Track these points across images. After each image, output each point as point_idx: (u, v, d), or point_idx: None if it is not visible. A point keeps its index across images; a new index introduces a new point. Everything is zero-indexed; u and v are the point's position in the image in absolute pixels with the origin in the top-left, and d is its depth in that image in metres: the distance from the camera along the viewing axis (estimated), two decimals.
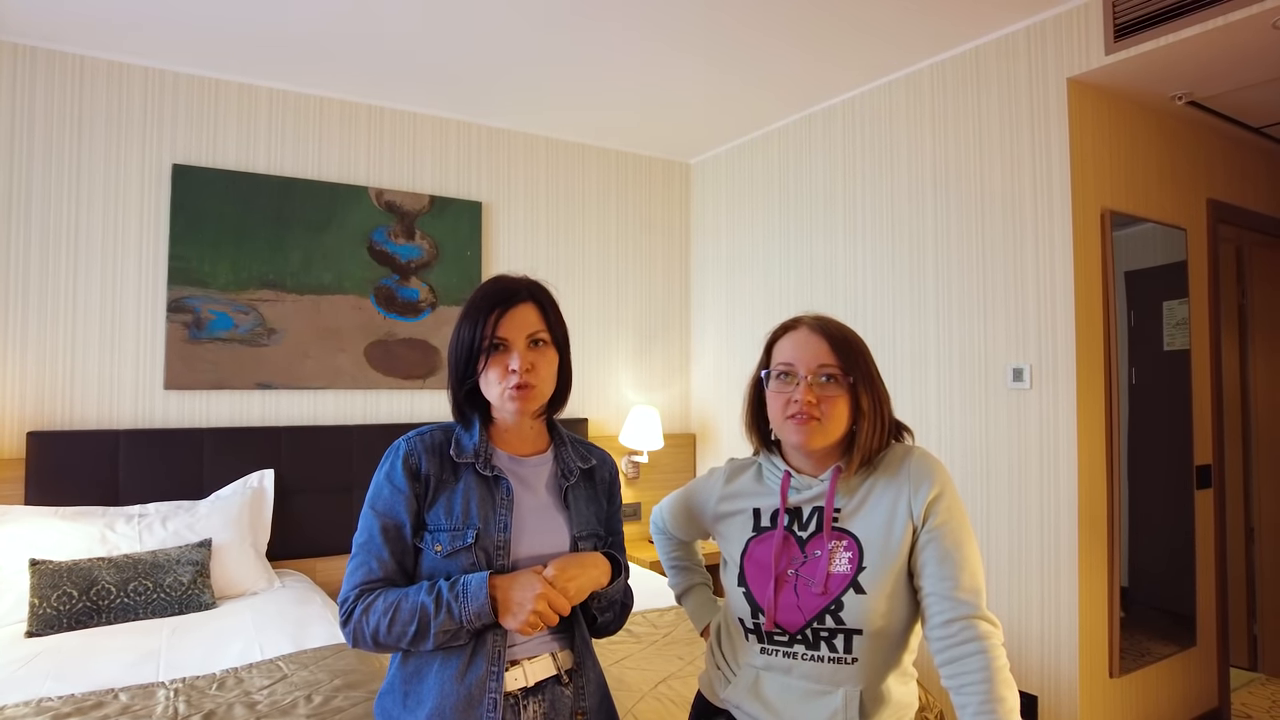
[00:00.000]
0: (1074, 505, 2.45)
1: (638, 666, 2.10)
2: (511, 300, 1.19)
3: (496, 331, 1.17)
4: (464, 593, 1.10)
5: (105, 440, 2.78)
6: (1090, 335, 2.51)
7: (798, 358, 1.20)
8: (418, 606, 1.10)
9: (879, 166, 3.16)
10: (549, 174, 3.87)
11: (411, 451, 1.19)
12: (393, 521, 1.16)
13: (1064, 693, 2.46)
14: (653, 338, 4.14)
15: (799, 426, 1.17)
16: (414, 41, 2.83)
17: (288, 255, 3.19)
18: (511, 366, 1.17)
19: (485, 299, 1.20)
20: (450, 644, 1.12)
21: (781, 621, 1.17)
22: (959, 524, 1.15)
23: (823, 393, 1.17)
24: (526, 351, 1.18)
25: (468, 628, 1.10)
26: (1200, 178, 3.01)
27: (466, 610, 1.09)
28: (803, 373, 1.18)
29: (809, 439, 1.17)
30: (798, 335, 1.22)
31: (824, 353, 1.19)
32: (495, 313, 1.18)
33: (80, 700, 1.74)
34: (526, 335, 1.19)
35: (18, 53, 2.79)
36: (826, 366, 1.18)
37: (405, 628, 1.09)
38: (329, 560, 3.09)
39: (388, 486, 1.18)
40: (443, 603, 1.09)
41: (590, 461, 1.32)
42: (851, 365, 1.19)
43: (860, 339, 1.24)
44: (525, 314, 1.20)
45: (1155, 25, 2.28)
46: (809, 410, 1.17)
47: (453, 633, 1.10)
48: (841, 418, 1.18)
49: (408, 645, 1.12)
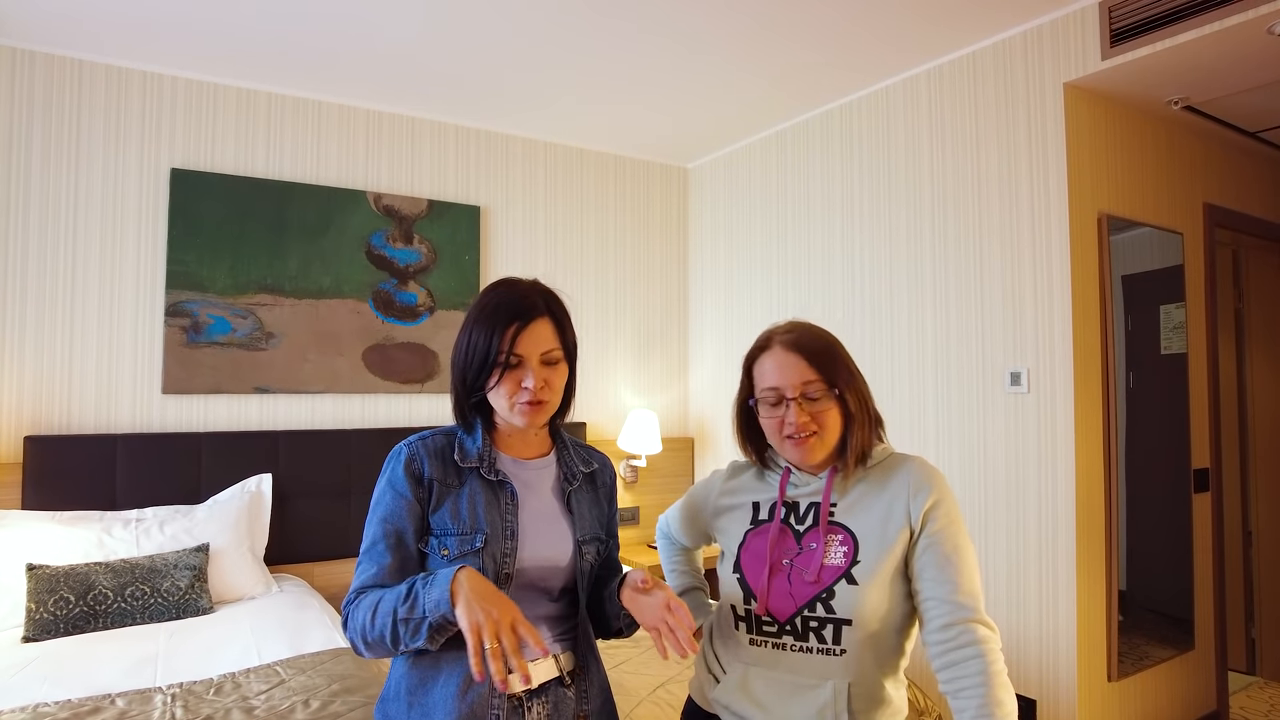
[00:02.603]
0: (1072, 509, 2.45)
1: (636, 671, 2.10)
2: (529, 315, 1.16)
3: (514, 349, 1.15)
4: (431, 581, 1.04)
5: (103, 444, 2.78)
6: (1087, 339, 2.52)
7: (781, 381, 1.22)
8: (396, 596, 1.06)
9: (876, 171, 3.17)
10: (547, 178, 3.87)
11: (414, 456, 1.18)
12: (394, 527, 1.15)
13: (1062, 696, 2.46)
14: (651, 341, 4.14)
15: (798, 446, 1.20)
16: (412, 46, 2.83)
17: (286, 259, 3.19)
18: (525, 384, 1.15)
19: (501, 311, 1.16)
20: (418, 640, 1.04)
21: (772, 608, 1.19)
22: (957, 530, 1.17)
23: (814, 409, 1.20)
24: (540, 369, 1.17)
25: (430, 619, 1.02)
26: (1196, 182, 3.03)
27: (429, 598, 1.03)
28: (790, 395, 1.20)
29: (810, 455, 1.21)
30: (775, 355, 1.24)
31: (805, 370, 1.21)
32: (513, 328, 1.15)
33: (77, 706, 1.73)
34: (542, 353, 1.17)
35: (16, 57, 2.79)
36: (811, 384, 1.20)
37: (385, 620, 1.06)
38: (327, 565, 3.09)
39: (389, 492, 1.17)
40: (412, 591, 1.05)
41: (592, 465, 1.32)
42: (834, 375, 1.21)
43: (833, 341, 1.26)
44: (542, 331, 1.17)
45: (1151, 30, 2.29)
46: (804, 429, 1.19)
47: (415, 625, 1.03)
48: (835, 425, 1.21)
49: (390, 643, 1.07)
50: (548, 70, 3.05)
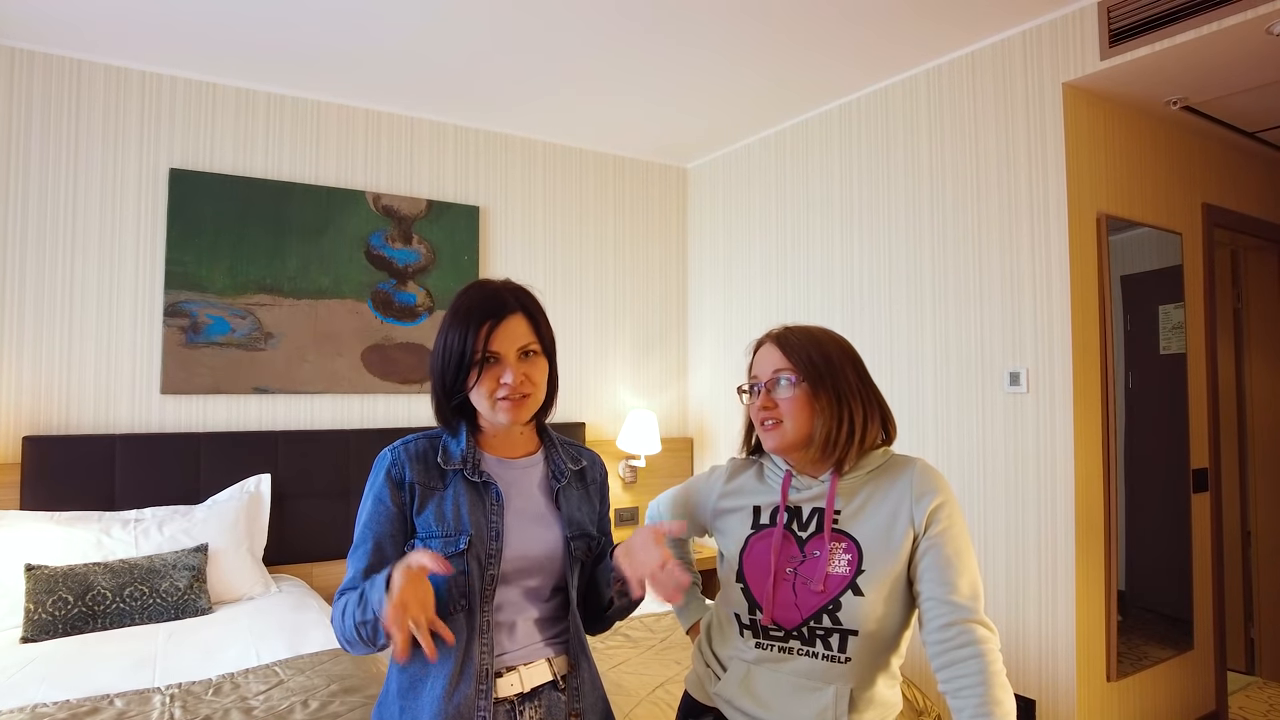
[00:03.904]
0: (1071, 509, 2.45)
1: (635, 671, 2.10)
2: (501, 312, 1.17)
3: (489, 346, 1.16)
4: (374, 583, 1.05)
5: (101, 445, 2.77)
6: (1087, 339, 2.52)
7: (759, 370, 1.27)
8: (355, 600, 1.09)
9: (875, 171, 3.17)
10: (546, 178, 3.87)
11: (395, 461, 1.19)
12: (374, 532, 1.16)
13: (1061, 697, 2.46)
14: (650, 341, 4.14)
15: (766, 433, 1.24)
16: (412, 46, 2.83)
17: (285, 259, 3.19)
18: (504, 380, 1.16)
19: (474, 311, 1.17)
20: (380, 639, 1.05)
21: (779, 619, 1.19)
22: (959, 532, 1.17)
23: (779, 395, 1.22)
24: (519, 364, 1.17)
25: (380, 618, 1.01)
26: (1195, 182, 3.03)
27: (373, 599, 1.04)
28: (762, 382, 1.25)
29: (774, 441, 1.23)
30: (762, 349, 1.29)
31: (776, 359, 1.24)
32: (486, 325, 1.16)
33: (75, 706, 1.73)
34: (518, 348, 1.17)
35: (15, 57, 2.79)
36: (780, 371, 1.23)
37: (351, 621, 1.08)
38: (326, 565, 3.09)
39: (371, 498, 1.18)
40: (362, 595, 1.07)
41: (581, 463, 1.32)
42: (808, 367, 1.21)
43: (828, 340, 1.26)
44: (516, 326, 1.18)
45: (1150, 30, 2.29)
46: (768, 414, 1.22)
47: (371, 626, 1.04)
48: (803, 416, 1.21)
49: (362, 643, 1.09)
50: (547, 70, 3.04)
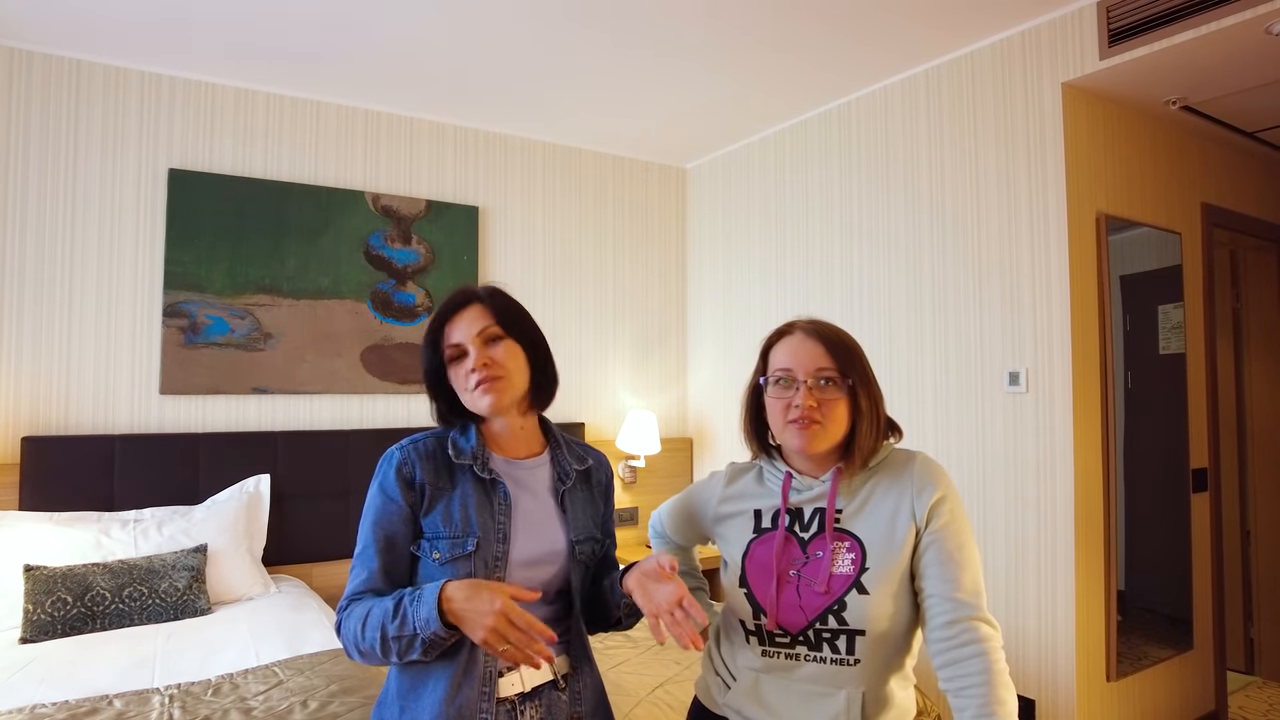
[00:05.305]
0: (1070, 509, 2.45)
1: (635, 671, 2.10)
2: (459, 306, 1.22)
3: (450, 339, 1.20)
4: (419, 598, 1.05)
5: (100, 445, 2.77)
6: (1086, 339, 2.52)
7: (796, 362, 1.20)
8: (384, 612, 1.07)
9: (874, 171, 3.17)
10: (545, 178, 3.87)
11: (405, 460, 1.18)
12: (384, 532, 1.15)
13: (1061, 696, 2.46)
14: (650, 341, 4.14)
15: (801, 431, 1.18)
16: (411, 46, 2.83)
17: (284, 260, 3.18)
18: (469, 366, 1.18)
19: (437, 316, 1.23)
20: (413, 654, 1.06)
21: (783, 622, 1.17)
22: (961, 527, 1.16)
23: (822, 396, 1.18)
24: (483, 348, 1.19)
25: (422, 636, 1.03)
26: (1195, 182, 3.03)
27: (418, 616, 1.04)
28: (801, 377, 1.19)
29: (811, 443, 1.18)
30: (793, 340, 1.23)
31: (821, 356, 1.19)
32: (446, 321, 1.21)
33: (74, 707, 1.73)
34: (477, 333, 1.19)
35: (14, 57, 2.78)
36: (824, 370, 1.19)
37: (374, 634, 1.07)
38: (325, 565, 3.08)
39: (380, 496, 1.17)
40: (400, 609, 1.06)
41: (587, 462, 1.31)
42: (849, 367, 1.20)
43: (854, 341, 1.25)
44: (472, 313, 1.21)
45: (1149, 30, 2.29)
46: (810, 414, 1.17)
47: (408, 641, 1.05)
48: (841, 420, 1.19)
49: (381, 654, 1.08)
50: (546, 70, 3.04)
